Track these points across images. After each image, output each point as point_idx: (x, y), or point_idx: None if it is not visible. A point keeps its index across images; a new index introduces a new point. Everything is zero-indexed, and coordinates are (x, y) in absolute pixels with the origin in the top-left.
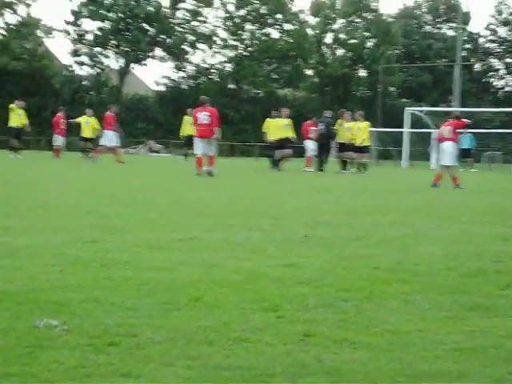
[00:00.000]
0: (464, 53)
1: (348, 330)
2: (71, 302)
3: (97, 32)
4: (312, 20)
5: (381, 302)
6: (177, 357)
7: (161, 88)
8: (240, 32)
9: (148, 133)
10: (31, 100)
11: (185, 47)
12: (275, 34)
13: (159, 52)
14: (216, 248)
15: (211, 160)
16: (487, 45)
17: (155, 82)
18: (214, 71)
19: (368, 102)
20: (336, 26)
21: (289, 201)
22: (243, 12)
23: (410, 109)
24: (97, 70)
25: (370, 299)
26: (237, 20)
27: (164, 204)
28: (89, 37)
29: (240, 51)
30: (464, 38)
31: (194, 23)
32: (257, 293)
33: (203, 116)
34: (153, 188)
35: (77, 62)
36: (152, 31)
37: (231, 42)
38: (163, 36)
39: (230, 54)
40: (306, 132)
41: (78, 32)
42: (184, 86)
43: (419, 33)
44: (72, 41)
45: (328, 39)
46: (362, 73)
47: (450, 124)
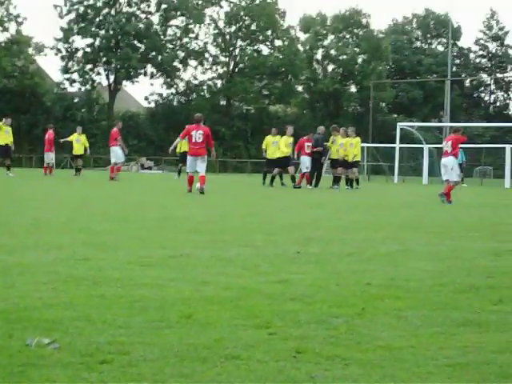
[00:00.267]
0: (454, 68)
1: (340, 347)
2: (63, 320)
3: (87, 49)
4: (302, 36)
5: (373, 318)
6: (169, 375)
7: (152, 105)
8: (231, 48)
9: (139, 150)
10: (22, 118)
11: (176, 64)
12: (266, 51)
13: (150, 69)
14: (207, 265)
15: (202, 179)
16: (477, 60)
17: (146, 99)
18: (205, 88)
19: (359, 118)
20: (326, 42)
21: (281, 217)
22: (234, 28)
23: (402, 124)
24: (88, 88)
25: (362, 315)
26: (227, 37)
27: (155, 221)
28: (79, 54)
29: (231, 68)
30: (454, 54)
31: (185, 40)
32: (249, 309)
33: (198, 135)
34: (144, 205)
35: (67, 80)
36: (142, 48)
37: (222, 59)
38: (154, 53)
39: (221, 71)
40: (302, 148)
41: (69, 49)
42: (175, 103)
43: (410, 48)
44: (62, 58)
45: (319, 55)
46: (353, 88)
47: (452, 138)
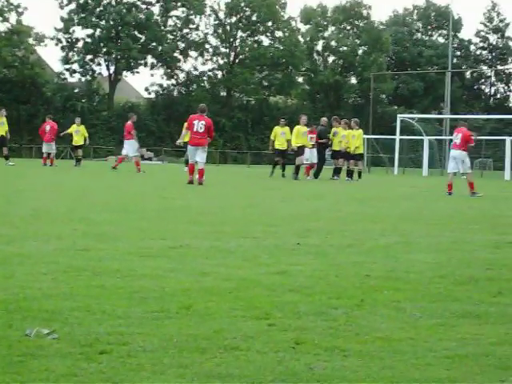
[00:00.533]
0: (455, 60)
1: (339, 338)
2: (63, 311)
3: (87, 39)
4: (303, 27)
5: (372, 310)
6: (168, 365)
7: (152, 95)
8: (231, 39)
9: (139, 140)
10: (22, 108)
11: (176, 55)
12: (266, 42)
13: (150, 59)
14: (207, 256)
15: (201, 173)
16: (478, 52)
17: (146, 90)
18: (205, 78)
19: (359, 109)
20: (327, 34)
21: (281, 208)
22: (234, 19)
23: (402, 116)
24: (88, 78)
25: (361, 307)
26: (228, 27)
27: (155, 211)
28: (80, 44)
29: (231, 58)
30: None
31: (185, 30)
32: (248, 300)
33: (200, 125)
34: (144, 195)
35: (68, 70)
36: (143, 39)
37: (222, 50)
38: (154, 43)
39: (221, 62)
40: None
41: (69, 39)
42: (175, 94)
43: (410, 40)
44: (62, 48)
45: (319, 47)
46: (353, 80)
47: (461, 132)
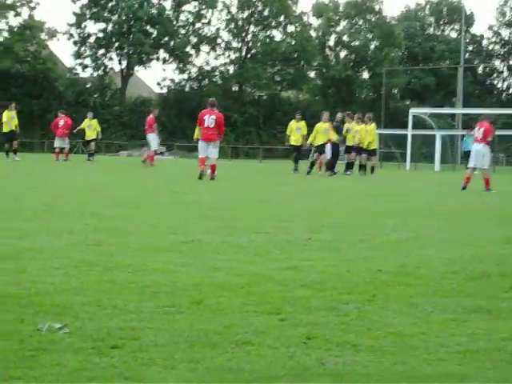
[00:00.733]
0: (467, 55)
1: (350, 333)
2: (74, 305)
3: (99, 34)
4: (315, 22)
5: (384, 305)
6: (179, 360)
7: (164, 90)
8: (243, 34)
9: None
10: (35, 103)
11: (188, 49)
12: (278, 36)
13: (162, 54)
14: (219, 251)
15: (213, 168)
16: (490, 46)
17: (158, 85)
18: (217, 73)
19: (371, 104)
20: (339, 28)
21: (293, 203)
22: (246, 14)
23: (414, 110)
24: (100, 73)
25: (373, 302)
26: (240, 22)
27: (167, 206)
28: (92, 39)
29: (243, 53)
30: (467, 40)
31: (197, 25)
32: (260, 296)
33: (210, 120)
34: (156, 190)
35: (80, 65)
36: (155, 33)
37: (234, 45)
38: (166, 38)
39: (233, 56)
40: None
41: (81, 34)
42: (187, 89)
43: (422, 35)
44: (75, 43)
45: (331, 41)
46: (366, 75)
47: (484, 126)
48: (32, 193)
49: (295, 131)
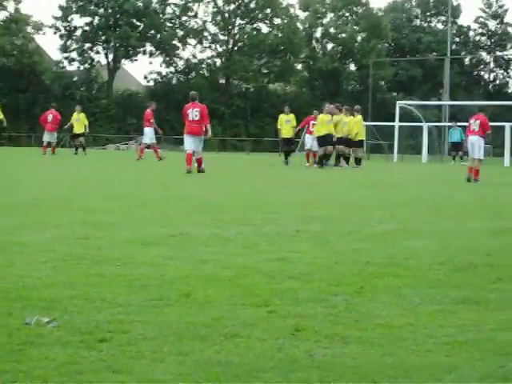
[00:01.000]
0: (454, 46)
1: (339, 325)
2: (62, 299)
3: (86, 28)
4: (302, 14)
5: (372, 297)
6: (168, 353)
7: (151, 83)
8: (230, 27)
9: (139, 128)
10: (21, 96)
11: (175, 42)
12: (265, 29)
13: (149, 47)
14: (207, 243)
15: (200, 161)
16: (477, 38)
17: (145, 78)
18: (204, 66)
19: (358, 96)
20: (326, 21)
21: (281, 195)
22: (233, 7)
23: (401, 102)
24: (87, 66)
25: (361, 293)
26: (226, 15)
27: (155, 200)
28: (78, 33)
29: (230, 46)
30: (454, 32)
31: (184, 18)
32: (248, 288)
33: (194, 113)
34: (144, 184)
35: (66, 58)
36: (141, 27)
37: (221, 37)
38: (153, 31)
39: (220, 49)
40: (308, 126)
41: (67, 28)
42: (174, 82)
43: (409, 26)
44: (61, 36)
45: (318, 33)
46: (352, 67)
47: (480, 119)
48: (19, 187)
49: (285, 124)
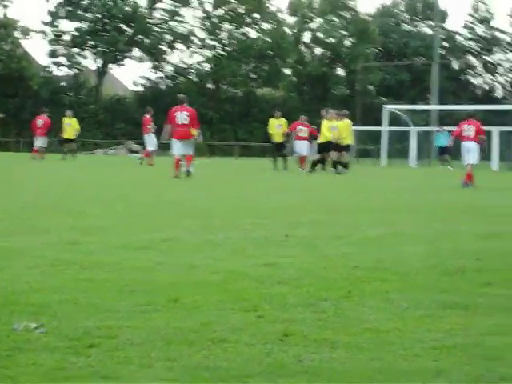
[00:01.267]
0: (442, 51)
1: (327, 330)
2: (51, 305)
3: (74, 33)
4: (290, 19)
5: (360, 301)
6: (156, 358)
7: (139, 88)
8: (218, 31)
9: (127, 134)
10: (10, 102)
11: (162, 47)
12: (253, 34)
13: (137, 52)
14: (196, 248)
15: (189, 159)
16: (465, 43)
17: (133, 83)
18: (193, 71)
19: (347, 101)
20: (314, 25)
21: (271, 200)
22: (221, 11)
23: (389, 107)
24: (75, 71)
25: (350, 298)
26: (214, 20)
27: (144, 204)
28: (66, 37)
29: (218, 51)
30: (441, 36)
31: (172, 23)
32: (236, 293)
33: (183, 116)
34: (133, 188)
35: (54, 63)
36: (129, 31)
37: (209, 42)
38: (141, 36)
39: (208, 54)
40: (295, 132)
41: (56, 33)
42: (162, 87)
43: (397, 31)
44: (49, 42)
45: (306, 38)
46: (341, 71)
47: (474, 124)
48: (8, 192)
49: (276, 128)
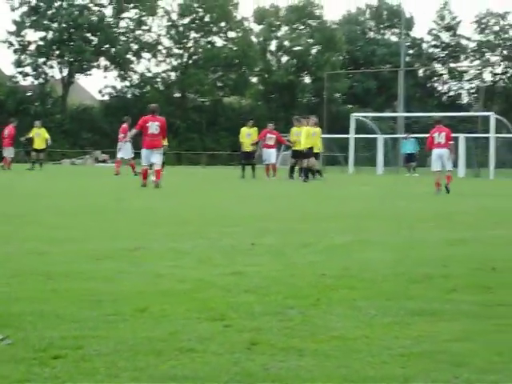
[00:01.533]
0: (408, 58)
1: (294, 338)
2: (16, 316)
3: (40, 42)
4: (256, 28)
5: (327, 309)
6: (123, 368)
7: (105, 98)
8: (184, 40)
9: (94, 143)
10: None
11: (129, 56)
12: (220, 42)
13: (103, 61)
14: (162, 257)
15: (158, 173)
16: (431, 50)
17: (100, 92)
18: (159, 80)
19: (314, 109)
20: (280, 34)
21: (238, 209)
22: (187, 20)
23: (356, 115)
24: (41, 81)
25: (317, 306)
26: (181, 28)
27: (110, 213)
28: (32, 47)
29: (185, 60)
30: (407, 44)
31: (138, 32)
32: (203, 302)
33: (155, 126)
34: (99, 198)
35: (20, 73)
36: (96, 41)
37: (175, 51)
38: (107, 45)
39: (175, 63)
40: (264, 139)
41: (21, 42)
42: (129, 96)
43: (363, 39)
44: (14, 51)
45: (273, 47)
46: (307, 80)
47: (445, 131)
48: None
49: (246, 137)
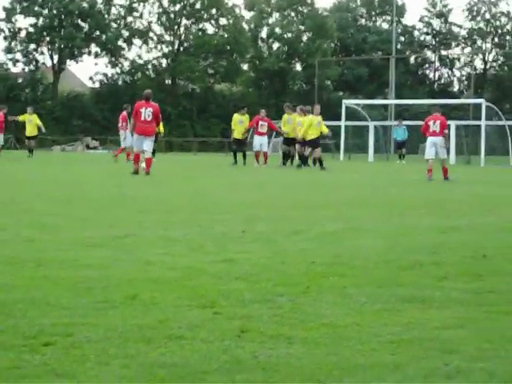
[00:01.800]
0: (399, 45)
1: (284, 325)
2: (6, 303)
3: (30, 29)
4: (247, 15)
5: (317, 297)
6: (113, 356)
7: (96, 85)
8: (175, 27)
9: (85, 130)
10: None
11: (120, 43)
12: (211, 29)
13: (94, 48)
14: (153, 245)
15: (149, 162)
16: (422, 37)
17: (91, 79)
18: (150, 67)
19: (305, 96)
20: (271, 21)
21: (229, 196)
22: (178, 7)
23: (347, 101)
24: (31, 68)
25: (307, 293)
26: (172, 15)
27: (101, 201)
28: (22, 34)
29: (176, 47)
30: (399, 31)
31: (129, 19)
32: (193, 289)
33: (147, 112)
34: (90, 185)
35: (11, 60)
36: (87, 27)
37: (166, 38)
38: (98, 32)
39: (166, 50)
40: (257, 127)
41: (12, 29)
42: (120, 83)
43: (354, 26)
44: (5, 38)
45: (264, 33)
46: (298, 67)
47: (439, 119)
48: None
49: (238, 124)
